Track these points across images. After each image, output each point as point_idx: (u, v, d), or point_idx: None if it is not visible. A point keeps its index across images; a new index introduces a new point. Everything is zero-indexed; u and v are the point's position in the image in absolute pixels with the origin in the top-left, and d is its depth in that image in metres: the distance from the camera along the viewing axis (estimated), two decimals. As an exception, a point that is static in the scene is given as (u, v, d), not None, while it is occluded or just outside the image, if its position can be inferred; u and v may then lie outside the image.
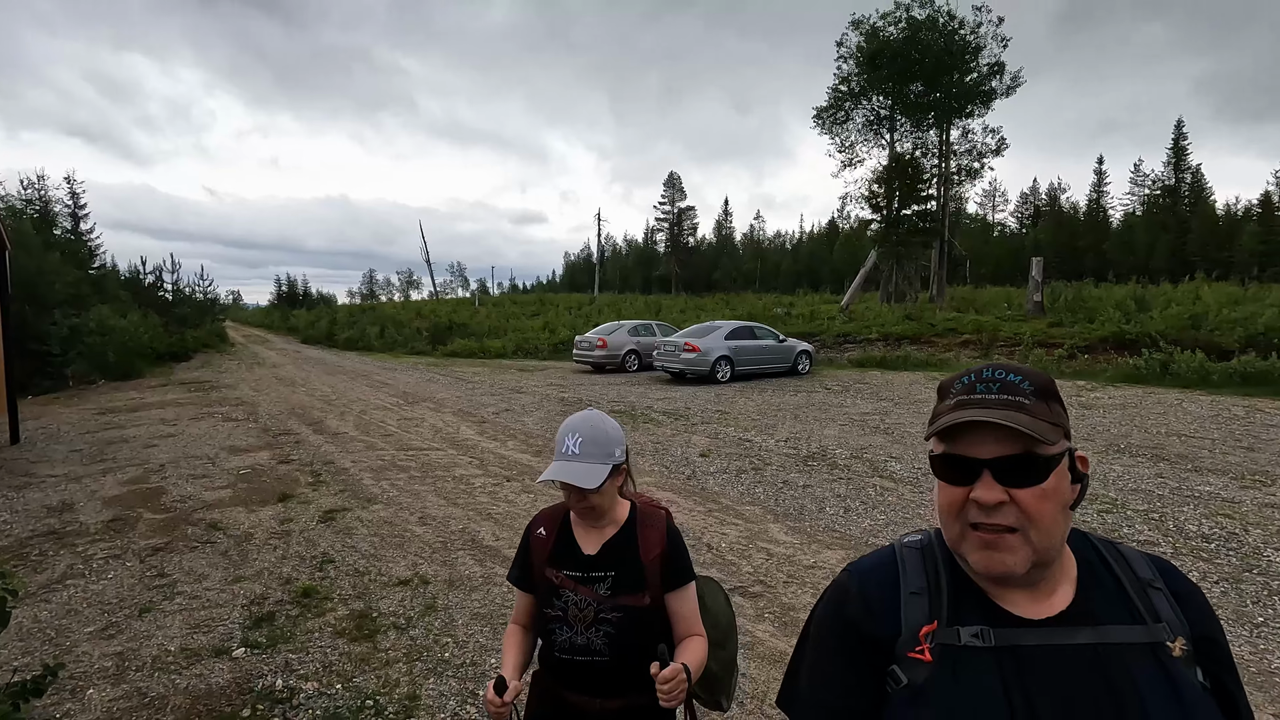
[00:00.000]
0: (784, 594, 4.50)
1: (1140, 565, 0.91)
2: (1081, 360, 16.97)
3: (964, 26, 32.02)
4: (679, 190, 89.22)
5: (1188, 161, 68.08)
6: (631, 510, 1.69)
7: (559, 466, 1.55)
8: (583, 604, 1.58)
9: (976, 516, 0.83)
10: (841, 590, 0.97)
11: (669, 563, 1.62)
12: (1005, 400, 0.85)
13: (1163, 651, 0.82)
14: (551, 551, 1.65)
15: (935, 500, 0.90)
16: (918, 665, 0.86)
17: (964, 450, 0.84)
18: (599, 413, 1.66)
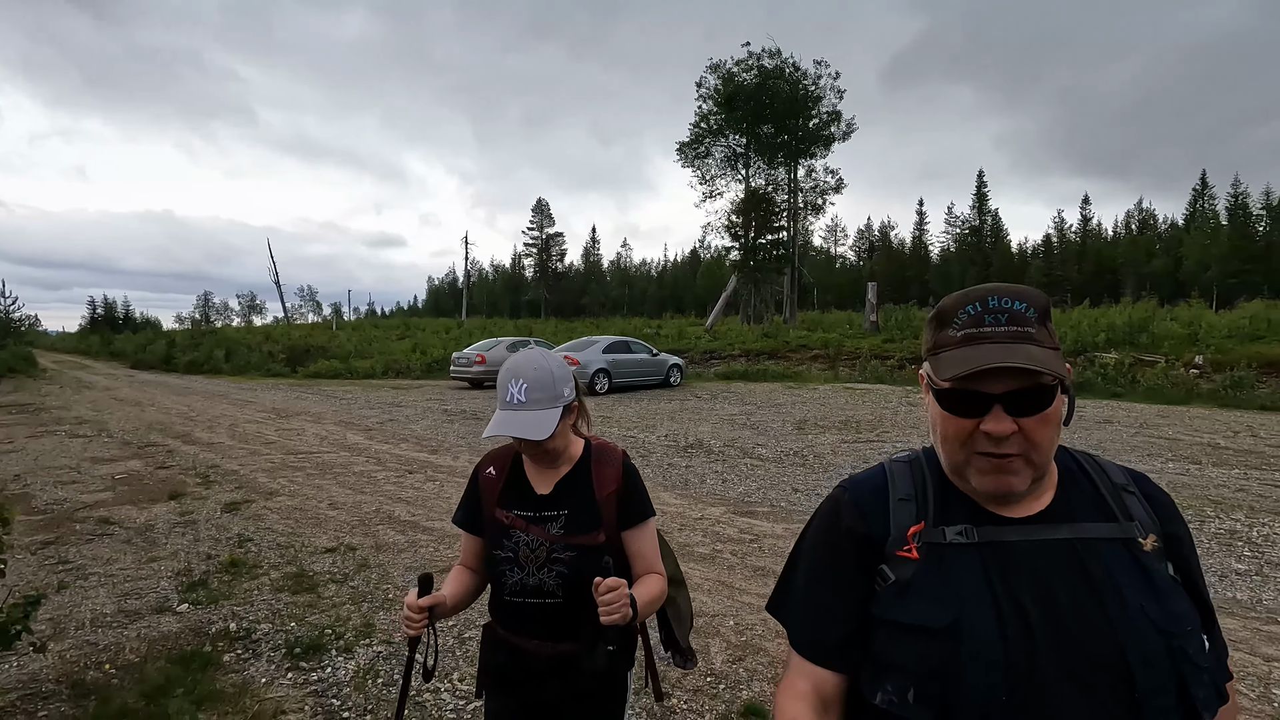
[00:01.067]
0: (679, 536, 5.30)
1: (1115, 472, 0.95)
2: (909, 370, 19.57)
3: (806, 77, 35.85)
4: (547, 216, 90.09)
5: (989, 206, 79.49)
6: (586, 447, 1.62)
7: (504, 417, 1.47)
8: (534, 544, 1.52)
9: (985, 446, 0.84)
10: (835, 501, 1.00)
11: (625, 500, 1.56)
12: (1015, 333, 0.85)
13: (1135, 546, 0.86)
14: (502, 491, 1.59)
15: (934, 425, 0.91)
16: (905, 563, 0.89)
17: (975, 385, 0.84)
18: (542, 351, 1.58)
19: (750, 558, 4.87)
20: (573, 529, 1.52)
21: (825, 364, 22.05)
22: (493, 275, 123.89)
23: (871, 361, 20.64)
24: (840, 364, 21.65)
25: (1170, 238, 69.35)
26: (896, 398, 14.86)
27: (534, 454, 1.54)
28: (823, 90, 35.80)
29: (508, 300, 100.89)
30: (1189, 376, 14.92)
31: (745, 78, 35.80)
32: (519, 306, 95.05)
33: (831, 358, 22.27)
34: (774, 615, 1.02)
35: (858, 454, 8.61)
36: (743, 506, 6.26)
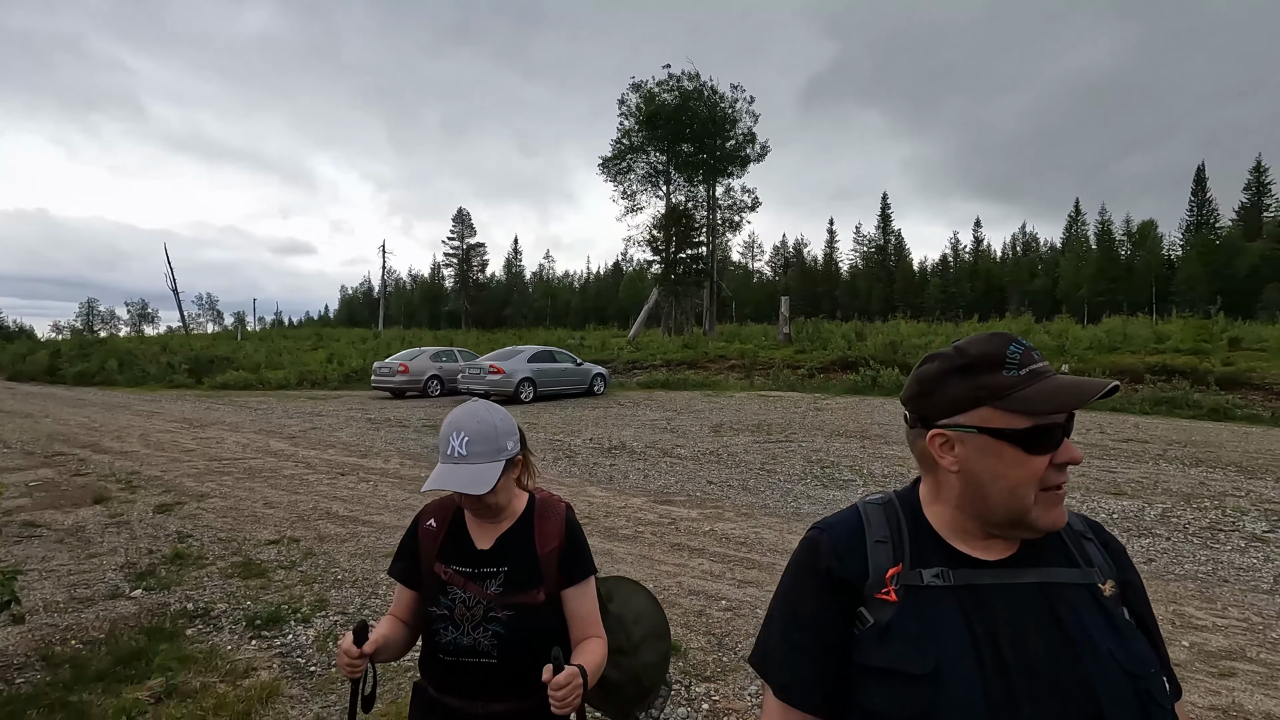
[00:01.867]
0: (604, 522, 5.87)
1: (1074, 520, 0.98)
2: (818, 378, 20.93)
3: (724, 100, 37.51)
4: (468, 226, 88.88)
5: (893, 227, 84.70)
6: (530, 501, 1.59)
7: (444, 471, 1.44)
8: (471, 602, 1.47)
9: (1056, 479, 0.86)
10: (811, 543, 1.00)
11: (566, 557, 1.52)
12: (1049, 366, 0.90)
13: (1096, 591, 0.90)
14: (442, 545, 1.54)
15: (992, 477, 0.89)
16: (884, 605, 0.89)
17: (1053, 420, 0.86)
18: (485, 403, 1.56)
19: (668, 537, 5.49)
20: (511, 588, 1.47)
21: (741, 373, 23.17)
22: (410, 285, 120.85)
23: (784, 370, 21.90)
24: (755, 373, 22.81)
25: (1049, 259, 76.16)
26: (805, 403, 15.95)
27: (475, 508, 1.50)
28: (739, 113, 37.61)
29: (426, 311, 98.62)
30: (1056, 383, 16.85)
31: (666, 98, 37.09)
32: (438, 317, 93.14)
33: (747, 367, 23.42)
34: (757, 669, 1.00)
35: (768, 453, 9.42)
36: (662, 497, 6.89)
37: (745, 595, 4.28)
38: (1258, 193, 64.13)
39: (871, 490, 7.11)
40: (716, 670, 3.33)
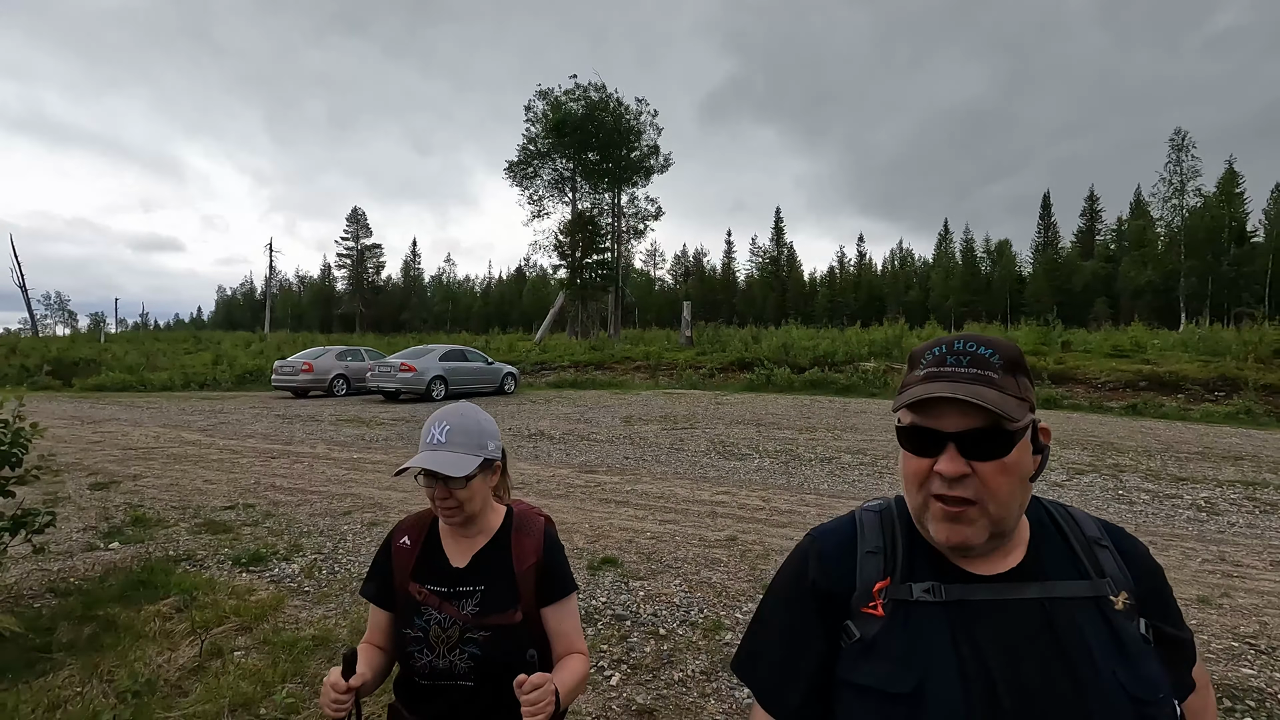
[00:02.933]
0: (538, 487, 6.60)
1: (1088, 525, 0.94)
2: (718, 377, 22.37)
3: (629, 112, 38.80)
4: (364, 226, 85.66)
5: (785, 240, 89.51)
6: (507, 516, 1.55)
7: (424, 455, 1.42)
8: (446, 623, 1.43)
9: (939, 488, 0.84)
10: (802, 553, 0.98)
11: (545, 574, 1.48)
12: (974, 374, 0.85)
13: (1106, 605, 0.85)
14: (416, 563, 1.50)
15: (901, 469, 0.91)
16: (870, 620, 0.87)
17: (931, 423, 0.85)
18: (470, 404, 1.54)
19: (595, 495, 6.31)
20: (488, 608, 1.43)
21: (647, 374, 24.28)
22: (298, 287, 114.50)
23: (686, 370, 23.21)
24: (660, 374, 23.99)
25: (923, 273, 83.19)
26: (707, 399, 17.18)
27: (446, 507, 1.44)
28: (643, 125, 39.00)
29: (317, 314, 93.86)
30: (923, 379, 19.08)
31: (573, 107, 37.90)
32: (330, 320, 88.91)
33: (652, 368, 24.57)
34: (737, 673, 0.99)
35: (675, 437, 10.41)
36: (586, 468, 7.69)
37: (665, 529, 5.18)
38: (1091, 218, 73.24)
39: (765, 461, 8.22)
40: (648, 573, 4.21)
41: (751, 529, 5.26)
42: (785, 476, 7.39)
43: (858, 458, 8.45)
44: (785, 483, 7.08)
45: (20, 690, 2.69)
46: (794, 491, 6.65)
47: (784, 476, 7.38)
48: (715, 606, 3.77)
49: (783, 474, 7.51)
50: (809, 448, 9.22)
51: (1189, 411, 14.15)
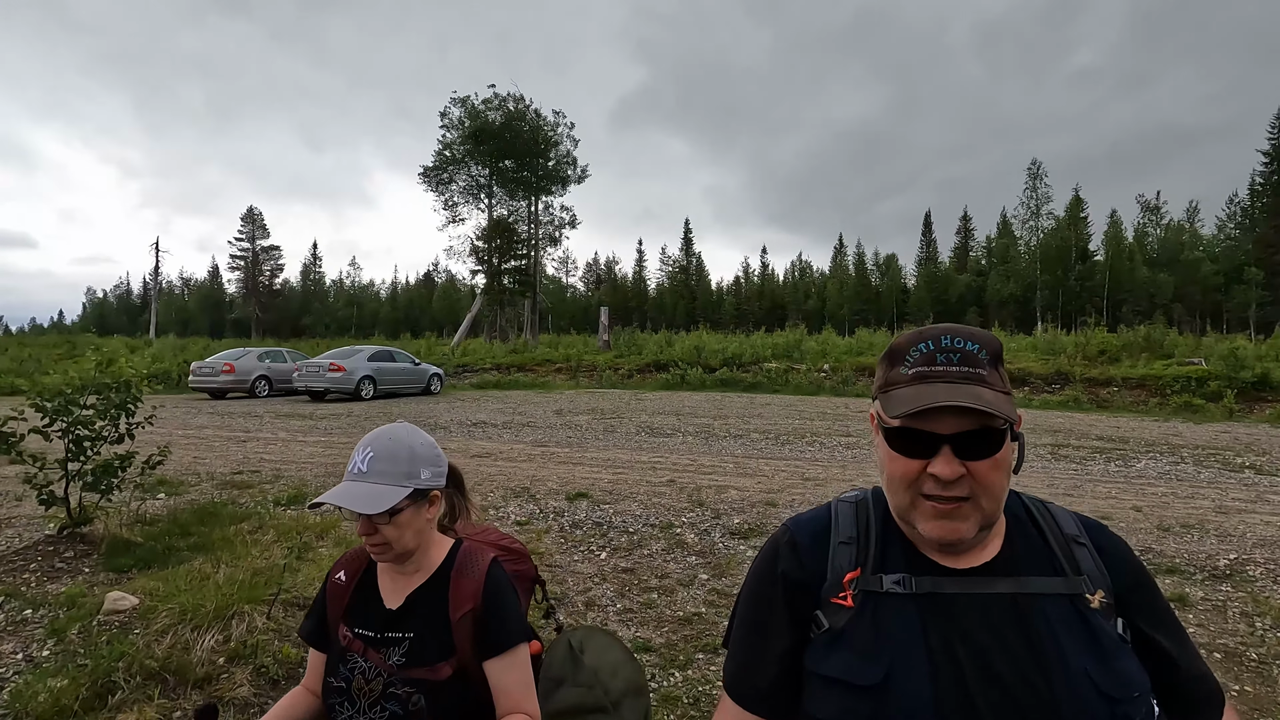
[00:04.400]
0: (500, 455, 7.74)
1: (1066, 522, 0.93)
2: (636, 378, 23.86)
3: (546, 124, 39.87)
4: (260, 227, 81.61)
5: (694, 250, 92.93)
6: (450, 553, 1.38)
7: (341, 487, 1.28)
8: (370, 674, 1.27)
9: (932, 489, 0.83)
10: (774, 543, 0.98)
11: (482, 623, 1.29)
12: (967, 373, 0.84)
13: (1081, 602, 0.84)
14: (348, 603, 1.36)
15: (883, 467, 0.89)
16: (840, 610, 0.87)
17: (924, 425, 0.83)
18: (408, 426, 1.38)
19: (553, 459, 7.55)
20: (414, 659, 1.27)
21: (568, 375, 25.43)
22: (182, 288, 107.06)
23: (606, 371, 24.57)
24: (581, 375, 25.21)
25: (820, 283, 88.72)
26: (628, 396, 18.57)
27: (371, 544, 1.29)
28: (560, 137, 40.17)
29: (206, 318, 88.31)
30: (819, 377, 21.26)
31: (492, 116, 38.55)
32: (221, 325, 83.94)
33: (573, 370, 25.76)
34: (727, 649, 1.00)
35: (606, 424, 11.70)
36: (538, 444, 8.88)
37: (618, 477, 6.51)
38: (965, 236, 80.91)
39: (687, 438, 9.68)
40: (612, 500, 5.54)
41: (685, 476, 6.67)
42: (705, 446, 8.87)
43: (765, 435, 10.07)
44: (706, 449, 8.56)
45: (174, 569, 3.66)
46: (714, 456, 8.13)
47: (704, 446, 8.86)
48: (666, 515, 5.14)
49: (703, 445, 8.99)
50: (723, 429, 10.78)
51: (1031, 400, 16.92)
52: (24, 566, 3.76)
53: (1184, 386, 16.01)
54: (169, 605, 3.23)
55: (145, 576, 3.65)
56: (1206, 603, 3.69)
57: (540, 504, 5.46)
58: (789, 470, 7.16)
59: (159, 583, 3.50)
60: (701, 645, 3.34)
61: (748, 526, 4.92)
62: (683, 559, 4.32)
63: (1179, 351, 19.67)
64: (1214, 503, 5.76)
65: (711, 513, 5.26)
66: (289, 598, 3.41)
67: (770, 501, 5.63)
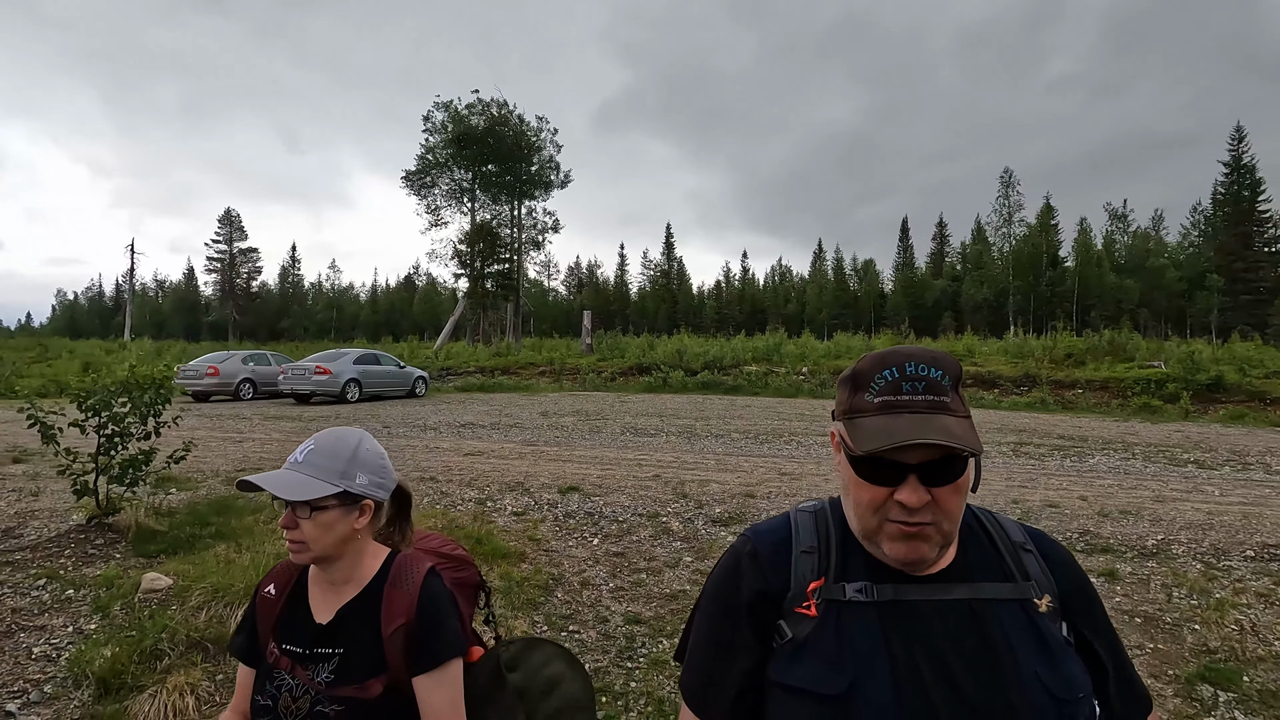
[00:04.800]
0: (493, 453, 8.06)
1: (1014, 530, 0.97)
2: (619, 380, 24.23)
3: (530, 129, 40.18)
4: (238, 229, 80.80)
5: (676, 254, 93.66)
6: (385, 564, 1.32)
7: (270, 473, 1.24)
8: (297, 692, 1.23)
9: (898, 515, 0.84)
10: (735, 554, 0.98)
11: (414, 637, 1.24)
12: (933, 403, 0.85)
13: (1030, 606, 0.88)
14: (278, 617, 1.31)
15: (847, 489, 0.91)
16: (803, 620, 0.88)
17: (891, 455, 0.84)
18: (360, 432, 1.34)
19: (543, 457, 7.90)
20: (343, 676, 1.22)
21: (551, 378, 25.73)
22: (156, 291, 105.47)
23: (589, 374, 24.91)
24: (564, 377, 25.52)
25: (800, 287, 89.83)
26: (611, 399, 18.94)
27: (290, 541, 1.24)
28: (543, 142, 40.50)
29: (181, 321, 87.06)
30: (799, 380, 21.80)
31: (475, 121, 38.77)
32: (197, 328, 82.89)
33: (557, 372, 26.06)
34: (679, 663, 1.01)
35: (591, 424, 12.05)
36: (528, 444, 9.22)
37: (606, 473, 6.89)
38: (941, 242, 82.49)
39: (671, 438, 10.08)
40: (602, 493, 5.91)
41: (669, 471, 7.07)
42: (688, 445, 9.28)
43: (744, 434, 10.50)
44: (689, 447, 8.96)
45: (201, 554, 3.97)
46: (696, 453, 8.53)
47: (687, 445, 9.26)
48: (652, 505, 5.52)
49: (686, 444, 9.40)
50: (705, 429, 11.20)
51: (1001, 401, 17.57)
52: (59, 553, 4.04)
53: (1144, 388, 16.76)
54: (201, 585, 3.56)
55: (174, 560, 3.96)
56: (1133, 577, 4.16)
57: (534, 497, 5.82)
58: (767, 466, 7.58)
59: (188, 565, 3.82)
60: (686, 618, 3.73)
61: (728, 515, 5.32)
62: (669, 544, 4.71)
63: (1140, 355, 20.53)
64: (1153, 493, 6.29)
65: (695, 503, 5.66)
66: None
67: (749, 493, 6.04)
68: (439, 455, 8.11)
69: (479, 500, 5.70)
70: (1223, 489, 6.54)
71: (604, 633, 3.63)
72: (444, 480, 6.47)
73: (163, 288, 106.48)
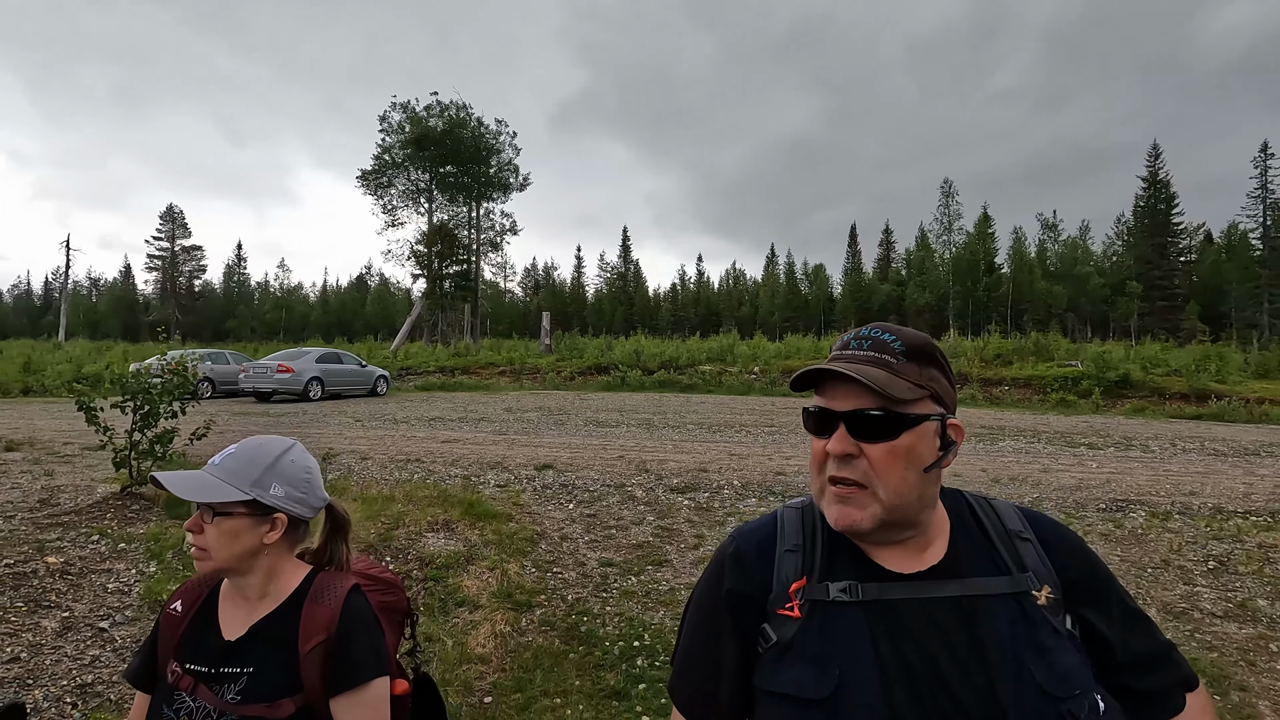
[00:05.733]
0: (467, 441, 8.71)
1: (1009, 517, 0.94)
2: (578, 380, 24.92)
3: (489, 132, 40.54)
4: (181, 226, 78.25)
5: (632, 257, 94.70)
6: (307, 579, 1.27)
7: (182, 472, 1.22)
8: (199, 713, 1.15)
9: (831, 468, 0.85)
10: (720, 557, 0.98)
11: (334, 656, 1.18)
12: (871, 357, 0.86)
13: (1027, 600, 0.85)
14: (182, 635, 1.23)
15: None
16: (787, 622, 0.87)
17: (826, 403, 0.86)
18: (289, 441, 1.30)
19: (516, 443, 8.60)
20: (251, 695, 1.15)
21: (511, 378, 26.24)
22: (89, 289, 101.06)
23: (549, 374, 25.54)
24: (524, 377, 26.07)
25: (753, 291, 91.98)
26: (572, 397, 19.63)
27: (195, 547, 1.20)
28: (502, 145, 40.93)
29: (118, 320, 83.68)
30: (750, 379, 22.90)
31: (434, 122, 38.93)
32: (135, 327, 79.83)
33: (517, 372, 26.60)
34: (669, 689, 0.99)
35: (555, 419, 12.75)
36: (499, 434, 9.89)
37: (575, 455, 7.65)
38: (887, 248, 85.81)
39: (631, 429, 10.88)
40: (573, 469, 6.66)
41: (632, 453, 7.88)
42: (648, 434, 10.10)
43: (699, 425, 11.39)
44: (649, 436, 9.79)
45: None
46: (655, 440, 9.36)
47: (647, 434, 10.09)
48: (618, 478, 6.32)
49: (646, 434, 10.22)
50: (662, 421, 12.05)
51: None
52: (100, 516, 4.59)
53: (1061, 385, 18.37)
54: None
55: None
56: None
57: (514, 473, 6.54)
58: (719, 450, 8.46)
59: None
60: (649, 561, 4.55)
61: (685, 485, 6.16)
62: (634, 508, 5.51)
63: (1059, 355, 22.32)
64: (1043, 466, 7.40)
65: (655, 476, 6.47)
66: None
67: (703, 469, 6.89)
68: (418, 443, 8.72)
69: (464, 477, 6.39)
70: (1100, 463, 7.71)
71: (582, 573, 4.41)
72: (429, 461, 7.13)
73: (97, 286, 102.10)
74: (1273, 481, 6.71)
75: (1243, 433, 11.03)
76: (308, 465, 1.29)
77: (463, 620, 3.83)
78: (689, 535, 4.99)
